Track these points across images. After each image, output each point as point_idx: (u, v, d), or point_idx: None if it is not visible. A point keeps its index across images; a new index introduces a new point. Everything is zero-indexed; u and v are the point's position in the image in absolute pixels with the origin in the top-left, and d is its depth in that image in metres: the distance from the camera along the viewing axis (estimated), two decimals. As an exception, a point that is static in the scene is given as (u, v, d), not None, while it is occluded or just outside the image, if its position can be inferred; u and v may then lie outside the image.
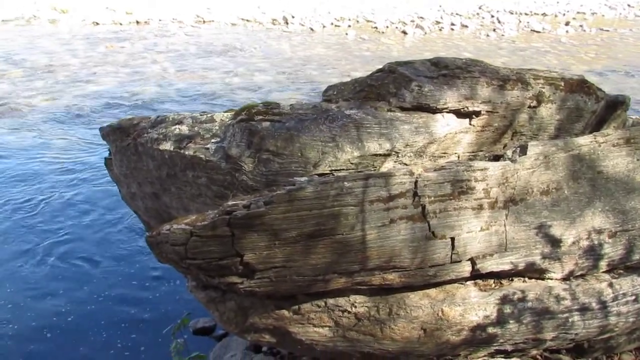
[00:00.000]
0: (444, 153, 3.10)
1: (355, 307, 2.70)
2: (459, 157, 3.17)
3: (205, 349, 4.18)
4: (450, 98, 2.98)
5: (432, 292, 2.71)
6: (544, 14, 22.44)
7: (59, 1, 21.10)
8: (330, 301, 2.70)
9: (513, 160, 2.78)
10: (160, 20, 19.82)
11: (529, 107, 3.20)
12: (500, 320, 2.66)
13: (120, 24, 19.19)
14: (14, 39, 16.45)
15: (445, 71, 3.07)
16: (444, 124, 3.01)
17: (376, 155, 2.87)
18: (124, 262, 5.55)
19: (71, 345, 4.40)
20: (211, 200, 3.19)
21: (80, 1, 21.26)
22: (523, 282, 2.79)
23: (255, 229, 2.32)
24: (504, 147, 3.26)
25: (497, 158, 3.11)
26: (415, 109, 2.99)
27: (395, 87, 3.02)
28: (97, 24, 19.17)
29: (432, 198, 2.53)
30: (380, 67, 3.22)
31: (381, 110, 2.98)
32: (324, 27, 19.54)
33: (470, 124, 3.09)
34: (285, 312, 2.74)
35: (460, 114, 3.04)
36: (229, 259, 2.39)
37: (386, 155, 2.90)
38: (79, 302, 4.91)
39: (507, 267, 2.70)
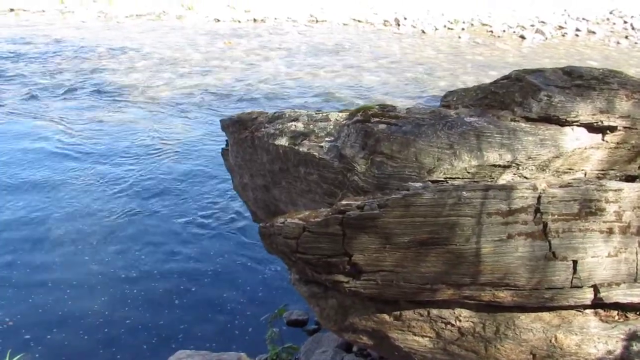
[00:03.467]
0: (570, 169, 2.89)
1: (460, 320, 2.61)
2: (585, 174, 2.94)
3: (297, 341, 4.28)
4: (583, 111, 2.77)
5: (546, 316, 2.54)
6: (688, 21, 20.14)
7: (187, -2, 22.72)
8: (434, 311, 2.63)
9: (652, 183, 2.52)
10: (275, 18, 20.59)
11: (675, 125, 2.88)
12: (625, 358, 2.43)
13: (239, 22, 20.22)
14: (145, 33, 17.99)
15: (579, 81, 2.86)
16: (573, 138, 2.81)
17: (495, 165, 2.74)
18: (227, 249, 5.83)
19: (173, 322, 4.70)
20: (320, 198, 3.25)
21: (205, -1, 22.71)
22: (653, 318, 2.52)
23: (367, 231, 2.32)
24: (639, 168, 2.97)
25: (630, 179, 2.85)
26: (541, 120, 2.82)
27: (522, 96, 2.87)
28: (218, 20, 20.36)
29: (556, 216, 2.37)
30: (493, 72, 3.08)
31: (504, 120, 2.85)
32: (436, 29, 19.13)
33: (603, 140, 2.85)
34: (386, 317, 2.72)
35: (592, 128, 2.82)
36: (337, 257, 2.41)
37: (505, 167, 2.77)
38: (187, 282, 5.24)
39: (636, 300, 2.46)
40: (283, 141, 3.43)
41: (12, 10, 21.84)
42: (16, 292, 4.95)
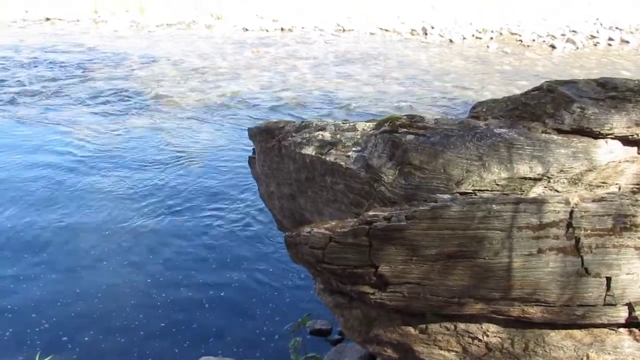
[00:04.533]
0: (603, 183, 2.82)
1: (487, 336, 2.56)
2: (620, 188, 2.87)
3: (320, 350, 4.26)
4: (618, 123, 2.70)
5: (577, 333, 2.47)
6: None
7: (216, 7, 23.11)
8: (461, 326, 2.59)
9: (691, 199, 2.44)
10: (303, 28, 20.75)
11: None
12: (660, 379, 2.34)
13: (267, 31, 20.44)
14: (175, 42, 18.33)
15: (614, 93, 2.79)
16: (607, 151, 2.74)
17: (525, 178, 2.69)
18: (252, 257, 5.86)
19: (204, 326, 4.74)
20: (346, 207, 3.24)
21: (234, 8, 23.08)
22: (692, 339, 2.43)
23: (394, 242, 2.30)
24: (676, 182, 2.88)
25: (667, 194, 2.75)
26: (574, 132, 2.76)
27: (553, 108, 2.82)
28: (247, 29, 20.61)
29: (589, 231, 2.31)
30: (523, 82, 3.05)
31: (535, 131, 2.80)
32: (464, 38, 18.99)
33: (638, 153, 2.78)
34: (411, 329, 2.69)
35: (627, 141, 2.75)
36: (364, 268, 2.40)
37: (536, 180, 2.71)
38: (215, 288, 5.29)
39: (673, 320, 2.37)
40: (310, 150, 3.44)
41: (47, 19, 22.57)
42: (50, 296, 5.07)
